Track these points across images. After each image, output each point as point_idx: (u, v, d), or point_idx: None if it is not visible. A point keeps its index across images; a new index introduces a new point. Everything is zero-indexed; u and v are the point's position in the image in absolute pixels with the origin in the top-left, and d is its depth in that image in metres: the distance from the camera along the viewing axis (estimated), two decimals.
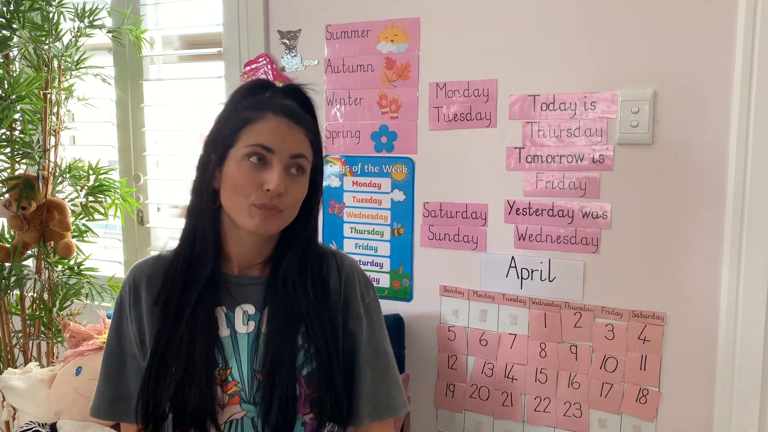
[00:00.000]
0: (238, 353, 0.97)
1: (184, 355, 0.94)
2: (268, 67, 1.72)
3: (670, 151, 1.36)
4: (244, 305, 1.00)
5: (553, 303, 1.48)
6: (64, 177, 1.86)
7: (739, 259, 1.31)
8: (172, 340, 0.96)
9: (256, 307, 1.00)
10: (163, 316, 0.98)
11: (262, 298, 1.00)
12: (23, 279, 1.81)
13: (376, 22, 1.60)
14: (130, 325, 1.02)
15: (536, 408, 1.52)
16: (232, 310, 1.00)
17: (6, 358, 1.87)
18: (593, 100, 1.41)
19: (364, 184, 1.65)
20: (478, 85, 1.51)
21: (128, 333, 1.03)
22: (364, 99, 1.63)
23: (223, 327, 0.98)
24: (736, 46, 1.28)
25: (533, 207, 1.48)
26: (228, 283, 1.01)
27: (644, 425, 1.42)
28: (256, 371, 0.96)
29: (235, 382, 0.96)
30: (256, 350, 0.97)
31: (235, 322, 0.99)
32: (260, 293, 1.01)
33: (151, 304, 1.00)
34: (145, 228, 2.06)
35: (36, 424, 1.54)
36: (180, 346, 0.95)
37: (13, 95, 1.68)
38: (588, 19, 1.39)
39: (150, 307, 1.00)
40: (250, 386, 0.96)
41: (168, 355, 0.95)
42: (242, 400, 0.95)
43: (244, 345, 0.97)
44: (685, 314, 1.38)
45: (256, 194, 0.93)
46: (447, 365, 1.60)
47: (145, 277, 1.02)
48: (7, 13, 1.72)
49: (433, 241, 1.59)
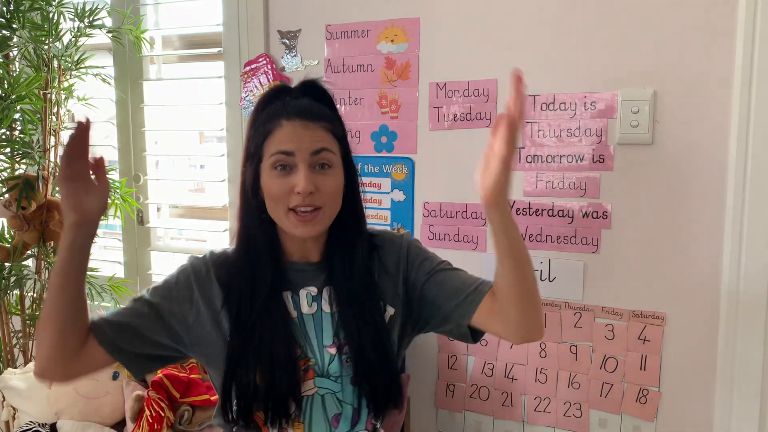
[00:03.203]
0: (306, 331, 1.03)
1: (267, 341, 0.99)
2: (268, 67, 1.72)
3: (670, 151, 1.36)
4: (306, 288, 1.06)
5: (553, 303, 1.48)
6: None
7: (739, 259, 1.31)
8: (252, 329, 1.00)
9: (317, 289, 1.06)
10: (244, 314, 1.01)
11: (321, 281, 1.06)
12: (23, 279, 1.81)
13: (376, 22, 1.60)
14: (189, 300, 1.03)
15: (536, 408, 1.52)
16: (297, 293, 1.05)
17: (6, 358, 1.87)
18: (593, 100, 1.41)
19: (364, 184, 1.64)
20: (478, 85, 1.51)
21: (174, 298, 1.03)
22: (364, 99, 1.63)
23: (291, 309, 1.04)
24: (736, 46, 1.28)
25: (533, 207, 1.48)
26: (289, 270, 1.06)
27: (644, 425, 1.42)
28: (326, 346, 1.02)
29: (308, 358, 1.01)
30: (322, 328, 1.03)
31: (301, 304, 1.05)
32: (320, 276, 1.06)
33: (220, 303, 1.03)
34: (145, 228, 2.06)
35: (36, 424, 1.54)
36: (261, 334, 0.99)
37: (13, 95, 1.68)
38: (588, 19, 1.39)
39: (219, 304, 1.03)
40: (321, 360, 1.02)
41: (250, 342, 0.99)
42: (316, 374, 1.01)
43: (311, 324, 1.04)
44: (685, 314, 1.38)
45: (292, 199, 0.98)
46: (447, 365, 1.60)
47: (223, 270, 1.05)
48: (7, 13, 1.71)
49: (433, 241, 1.59)
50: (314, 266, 1.07)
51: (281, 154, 0.98)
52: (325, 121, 1.01)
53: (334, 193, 1.01)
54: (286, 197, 0.98)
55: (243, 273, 1.03)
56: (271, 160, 0.98)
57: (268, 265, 1.03)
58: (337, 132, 1.03)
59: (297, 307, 1.04)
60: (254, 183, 1.02)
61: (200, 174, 2.26)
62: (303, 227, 0.99)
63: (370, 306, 1.05)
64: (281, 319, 1.01)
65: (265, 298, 1.01)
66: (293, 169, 0.98)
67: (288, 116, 0.99)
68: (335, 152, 1.01)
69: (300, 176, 0.96)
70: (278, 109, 1.01)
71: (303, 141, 0.98)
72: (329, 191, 0.99)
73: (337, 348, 1.02)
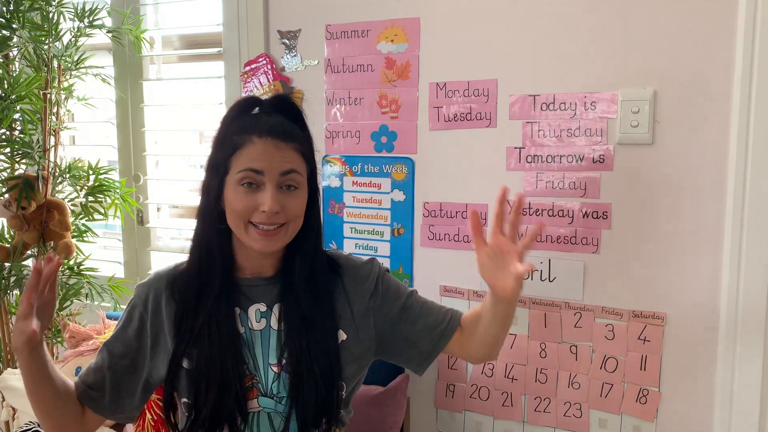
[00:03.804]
0: (253, 348, 1.03)
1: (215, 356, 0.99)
2: (268, 67, 1.72)
3: (670, 151, 1.36)
4: (256, 304, 1.05)
5: (553, 303, 1.48)
6: (64, 177, 1.86)
7: (739, 259, 1.31)
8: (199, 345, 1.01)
9: (266, 305, 1.05)
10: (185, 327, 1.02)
11: (272, 297, 1.06)
12: (23, 279, 1.81)
13: (376, 22, 1.60)
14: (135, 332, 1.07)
15: (536, 408, 1.52)
16: (245, 310, 1.05)
17: (6, 358, 1.87)
18: (593, 100, 1.41)
19: (364, 184, 1.65)
20: (478, 85, 1.51)
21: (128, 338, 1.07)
22: (364, 99, 1.63)
23: (238, 325, 1.03)
24: (736, 46, 1.28)
25: (533, 207, 1.48)
26: (241, 286, 1.06)
27: (644, 425, 1.42)
28: (271, 365, 1.02)
29: (252, 376, 1.01)
30: (269, 345, 1.03)
31: (250, 320, 1.04)
32: (271, 292, 1.06)
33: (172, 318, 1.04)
34: (145, 228, 2.06)
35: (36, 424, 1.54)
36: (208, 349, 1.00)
37: (13, 95, 1.68)
38: (588, 19, 1.39)
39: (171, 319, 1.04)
40: (265, 378, 1.02)
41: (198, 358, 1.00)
42: (259, 392, 1.01)
43: (258, 340, 1.03)
44: (685, 314, 1.38)
45: (256, 215, 0.98)
46: (447, 365, 1.60)
47: (166, 291, 1.06)
48: (7, 13, 1.71)
49: (433, 241, 1.59)
50: (266, 281, 1.07)
51: (250, 171, 0.98)
52: (296, 142, 1.02)
53: (298, 212, 1.02)
54: (250, 214, 0.98)
55: (189, 285, 1.04)
56: (239, 176, 0.98)
57: (217, 278, 1.03)
58: (306, 152, 1.04)
59: (245, 323, 1.04)
60: (217, 193, 1.02)
61: (200, 174, 2.25)
62: (264, 241, 0.99)
63: (323, 326, 1.04)
64: (228, 335, 1.00)
65: (211, 313, 1.01)
66: (260, 188, 0.98)
67: (260, 133, 0.99)
68: (303, 174, 1.02)
69: (267, 195, 0.97)
70: (250, 123, 1.01)
71: (273, 161, 0.98)
72: (294, 211, 1.01)
73: (282, 367, 1.01)
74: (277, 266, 1.08)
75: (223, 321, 1.01)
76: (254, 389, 1.01)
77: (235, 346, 1.00)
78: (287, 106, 1.05)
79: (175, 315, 1.04)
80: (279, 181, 0.99)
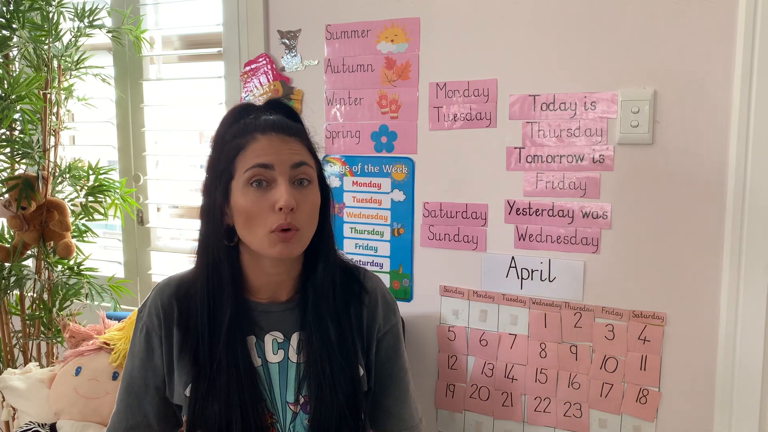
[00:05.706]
0: (271, 384, 0.96)
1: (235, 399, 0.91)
2: (268, 67, 1.72)
3: (670, 151, 1.36)
4: (272, 332, 0.98)
5: (553, 303, 1.48)
6: (64, 177, 1.86)
7: (739, 258, 1.31)
8: (215, 385, 0.93)
9: (283, 335, 0.98)
10: (201, 363, 0.95)
11: (289, 325, 0.98)
12: (23, 279, 1.81)
13: (376, 22, 1.60)
14: (161, 359, 1.00)
15: (536, 408, 1.52)
16: (262, 338, 0.97)
17: (6, 358, 1.87)
18: (593, 100, 1.41)
19: (364, 184, 1.65)
20: (478, 85, 1.51)
21: (157, 366, 1.00)
22: (364, 99, 1.63)
23: (254, 357, 0.96)
24: (736, 46, 1.28)
25: (533, 207, 1.48)
26: (254, 311, 0.98)
27: (644, 425, 1.42)
28: (289, 403, 0.95)
29: (270, 414, 0.94)
30: (287, 380, 0.96)
31: (266, 351, 0.97)
32: (288, 319, 0.98)
33: (180, 345, 0.97)
34: (145, 228, 2.06)
35: (36, 424, 1.54)
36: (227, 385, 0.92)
37: (13, 95, 1.68)
38: (588, 19, 1.39)
39: (180, 347, 0.97)
40: (283, 418, 0.95)
41: (212, 392, 0.93)
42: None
43: (275, 374, 0.96)
44: (685, 314, 1.38)
45: (272, 218, 0.90)
46: (447, 365, 1.60)
47: (176, 312, 0.98)
48: (7, 13, 1.71)
49: (433, 241, 1.59)
50: (282, 306, 0.99)
51: (259, 167, 0.90)
52: (301, 137, 0.96)
53: (313, 214, 0.95)
54: (265, 217, 0.90)
55: (200, 311, 0.95)
56: (247, 175, 0.90)
57: (229, 302, 0.94)
58: (312, 148, 0.98)
59: (261, 354, 0.96)
60: (223, 205, 0.94)
61: (200, 174, 2.25)
62: (282, 246, 0.90)
63: (346, 361, 0.96)
64: (246, 370, 0.93)
65: (228, 344, 0.93)
66: (271, 184, 0.91)
67: (262, 130, 0.93)
68: (313, 167, 0.96)
69: (281, 190, 0.89)
70: (249, 124, 0.95)
71: (282, 153, 0.91)
72: (308, 210, 0.93)
73: (300, 405, 0.95)
74: (291, 287, 1.00)
75: (241, 354, 0.93)
76: (272, 429, 0.95)
77: (253, 383, 0.93)
78: (285, 107, 1.02)
79: (189, 346, 0.96)
80: (291, 175, 0.91)
